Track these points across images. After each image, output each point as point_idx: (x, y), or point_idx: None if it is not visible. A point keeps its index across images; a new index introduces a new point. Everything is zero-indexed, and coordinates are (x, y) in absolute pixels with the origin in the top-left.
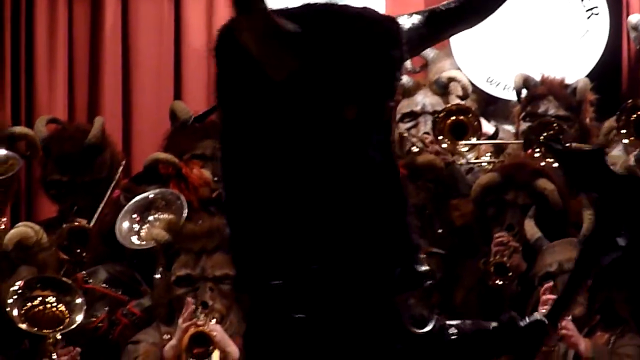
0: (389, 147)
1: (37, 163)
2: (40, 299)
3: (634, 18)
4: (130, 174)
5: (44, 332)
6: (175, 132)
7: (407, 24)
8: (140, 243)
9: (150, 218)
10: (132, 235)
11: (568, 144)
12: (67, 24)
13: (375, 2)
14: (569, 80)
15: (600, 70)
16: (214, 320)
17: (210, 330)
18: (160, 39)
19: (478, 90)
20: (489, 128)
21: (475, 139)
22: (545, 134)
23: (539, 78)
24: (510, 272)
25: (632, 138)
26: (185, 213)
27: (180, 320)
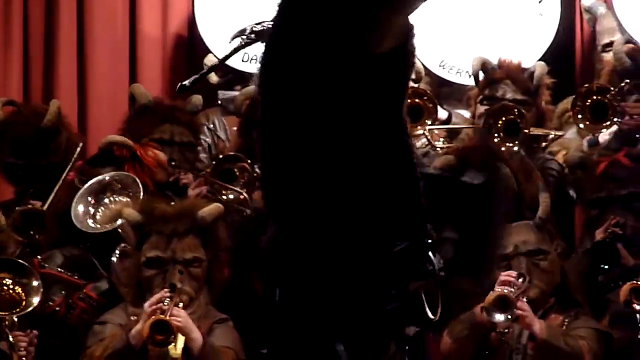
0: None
1: None
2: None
3: (587, 1)
4: (86, 157)
5: (1, 314)
6: (134, 115)
7: None
8: (96, 226)
9: (106, 201)
10: (88, 219)
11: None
12: (22, 6)
13: None
14: (525, 64)
15: (554, 53)
16: (181, 304)
17: (173, 317)
18: (115, 22)
19: (431, 74)
20: (442, 113)
21: (430, 123)
22: (505, 118)
23: (496, 62)
24: None
25: (587, 123)
26: (141, 195)
27: (146, 305)
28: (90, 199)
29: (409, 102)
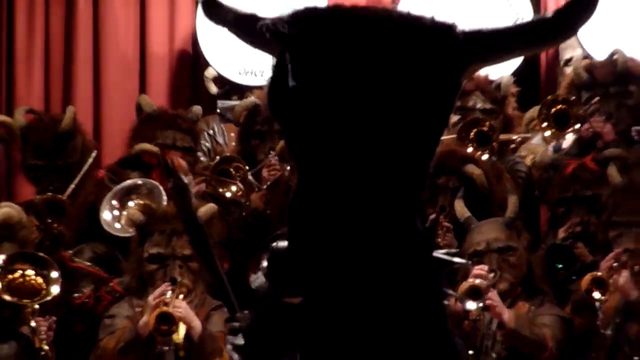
0: None
1: (16, 149)
2: (21, 272)
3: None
4: (100, 159)
5: (24, 302)
6: (141, 123)
7: None
8: (123, 229)
9: (131, 203)
10: (115, 223)
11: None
12: (44, 24)
13: None
14: (493, 76)
15: (523, 66)
16: (182, 296)
17: (175, 309)
18: (127, 40)
19: None
20: None
21: None
22: (476, 129)
23: None
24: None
25: (552, 130)
26: (165, 201)
27: (151, 298)
28: (115, 203)
29: None
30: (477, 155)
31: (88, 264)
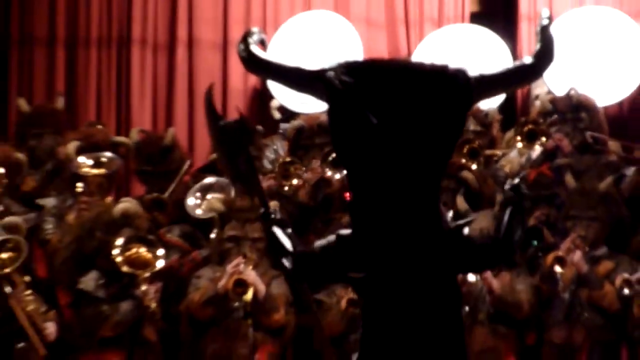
0: None
1: (131, 159)
2: (136, 250)
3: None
4: (192, 167)
5: (138, 272)
6: None
7: None
8: (202, 214)
9: (209, 197)
10: (196, 209)
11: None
12: (152, 68)
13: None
14: (483, 107)
15: (505, 100)
16: (251, 267)
17: (247, 276)
18: (213, 77)
19: None
20: None
21: None
22: (469, 146)
23: None
24: None
25: (524, 143)
26: (233, 194)
27: (229, 267)
28: (198, 195)
29: None
30: (469, 165)
31: (176, 239)
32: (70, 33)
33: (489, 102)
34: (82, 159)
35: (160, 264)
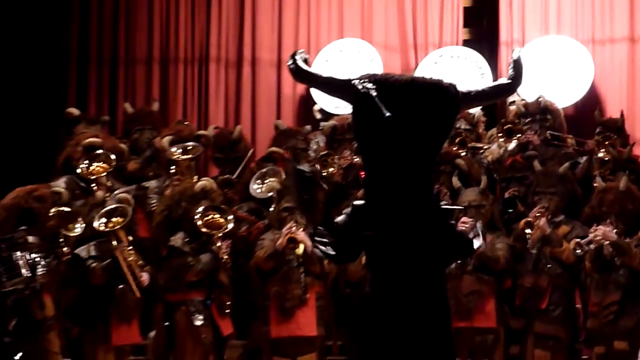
0: None
1: (209, 149)
2: (211, 216)
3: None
4: (255, 156)
5: (214, 232)
6: (277, 136)
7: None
8: (263, 194)
9: (267, 181)
10: (258, 189)
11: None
12: (225, 81)
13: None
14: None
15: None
16: (301, 229)
17: (298, 235)
18: (270, 88)
19: None
20: None
21: None
22: (459, 139)
23: None
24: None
25: (504, 138)
26: (283, 178)
27: (284, 230)
28: (259, 180)
29: None
30: (460, 153)
31: (245, 213)
32: (163, 54)
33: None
34: (173, 148)
35: (230, 226)
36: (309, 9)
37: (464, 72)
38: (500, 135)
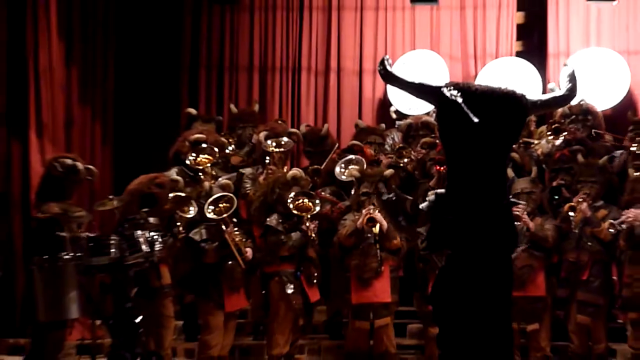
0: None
1: (300, 144)
2: (301, 200)
3: (551, 84)
4: (339, 150)
5: (303, 214)
6: (358, 132)
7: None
8: (345, 178)
9: (350, 167)
10: (342, 175)
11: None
12: (314, 88)
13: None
14: None
15: None
16: (377, 210)
17: (375, 216)
18: (354, 93)
19: None
20: None
21: None
22: None
23: None
24: None
25: (552, 136)
26: (365, 166)
27: (364, 211)
28: (343, 166)
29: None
30: (515, 148)
31: (328, 195)
32: (262, 63)
33: None
34: (268, 142)
35: (317, 209)
36: (386, 24)
37: (517, 79)
38: (549, 133)
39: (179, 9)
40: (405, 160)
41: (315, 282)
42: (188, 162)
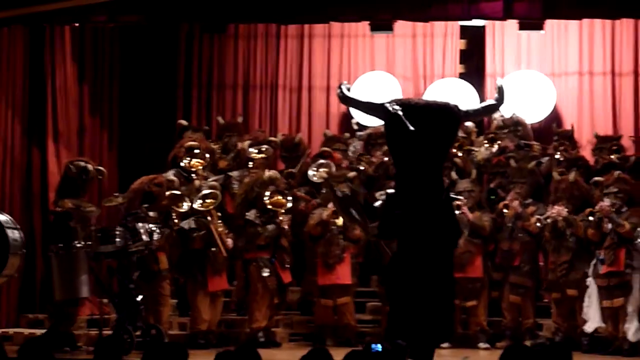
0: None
1: (278, 150)
2: (276, 197)
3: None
4: (310, 155)
5: (277, 209)
6: (326, 140)
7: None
8: (316, 180)
9: (320, 170)
10: (313, 177)
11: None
12: (289, 103)
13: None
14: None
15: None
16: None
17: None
18: (323, 109)
19: None
20: None
21: None
22: (457, 144)
23: None
24: None
25: (488, 144)
26: (334, 169)
27: (329, 205)
28: (314, 169)
29: None
30: (458, 154)
31: (303, 194)
32: (245, 81)
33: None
34: (251, 149)
35: (289, 205)
36: (350, 49)
37: (459, 96)
38: (486, 142)
39: (175, 37)
40: (365, 167)
41: (288, 266)
42: (183, 164)
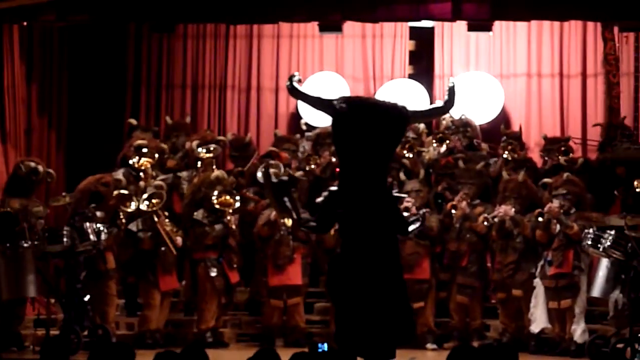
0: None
1: (227, 149)
2: (224, 197)
3: (440, 103)
4: (259, 155)
5: (225, 208)
6: (276, 140)
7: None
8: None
9: (269, 170)
10: (260, 178)
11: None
12: (237, 102)
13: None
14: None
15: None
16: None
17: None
18: (269, 107)
19: None
20: None
21: None
22: (407, 145)
23: None
24: None
25: (437, 144)
26: (283, 170)
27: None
28: (262, 168)
29: None
30: (406, 155)
31: (251, 195)
32: (194, 81)
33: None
34: (199, 149)
35: (237, 205)
36: (299, 50)
37: (409, 97)
38: (435, 142)
39: (124, 36)
40: (313, 166)
41: (235, 266)
42: (131, 163)
